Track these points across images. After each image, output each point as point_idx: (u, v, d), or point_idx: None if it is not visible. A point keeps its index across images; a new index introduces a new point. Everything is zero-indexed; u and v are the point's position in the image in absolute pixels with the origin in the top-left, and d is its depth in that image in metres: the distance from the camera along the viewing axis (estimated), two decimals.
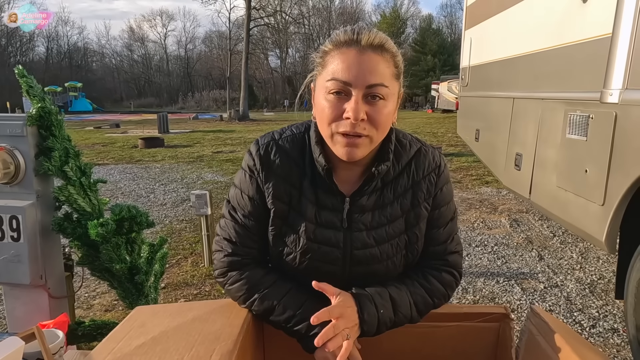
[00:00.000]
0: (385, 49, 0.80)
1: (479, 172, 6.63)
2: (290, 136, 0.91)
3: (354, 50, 0.78)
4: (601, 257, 3.23)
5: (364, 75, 0.77)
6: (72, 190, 1.59)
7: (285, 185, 0.88)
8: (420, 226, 0.90)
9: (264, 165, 0.88)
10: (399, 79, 0.84)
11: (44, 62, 51.91)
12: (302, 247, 0.87)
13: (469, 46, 4.38)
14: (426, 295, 0.88)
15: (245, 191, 0.91)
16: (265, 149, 0.89)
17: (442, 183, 0.93)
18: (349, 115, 0.77)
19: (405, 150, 0.91)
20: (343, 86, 0.78)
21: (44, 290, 1.58)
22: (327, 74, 0.80)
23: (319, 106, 0.82)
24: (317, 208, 0.87)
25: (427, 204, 0.90)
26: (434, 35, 46.79)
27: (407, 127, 15.81)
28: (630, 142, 1.75)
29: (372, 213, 0.88)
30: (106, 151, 10.03)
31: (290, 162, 0.88)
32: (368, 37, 0.78)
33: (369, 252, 0.87)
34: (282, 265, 0.90)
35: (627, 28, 1.77)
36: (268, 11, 31.66)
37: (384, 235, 0.88)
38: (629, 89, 1.77)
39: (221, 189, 5.85)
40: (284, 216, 0.88)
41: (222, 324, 0.81)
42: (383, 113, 0.79)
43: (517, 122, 3.04)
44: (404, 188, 0.89)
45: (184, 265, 3.21)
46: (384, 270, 0.89)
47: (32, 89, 1.56)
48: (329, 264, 0.87)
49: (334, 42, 0.81)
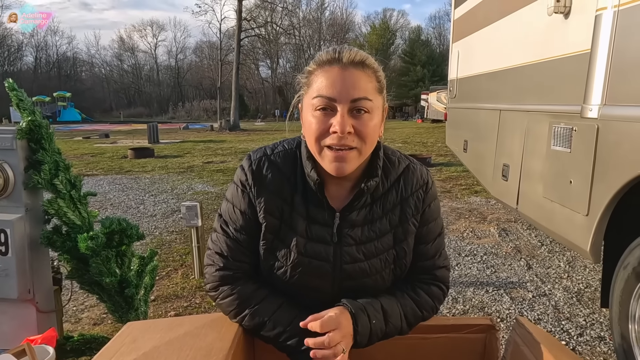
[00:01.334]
0: (367, 65, 0.83)
1: (468, 182, 6.71)
2: (283, 151, 0.93)
3: (336, 67, 0.82)
4: (588, 265, 3.28)
5: (347, 90, 0.80)
6: (61, 203, 1.59)
7: (277, 200, 0.89)
8: (408, 241, 0.92)
9: (256, 180, 0.90)
10: (382, 93, 0.86)
11: (33, 71, 51.44)
12: (293, 261, 0.88)
13: (457, 59, 4.47)
14: (415, 308, 0.90)
15: (237, 205, 0.92)
16: (257, 164, 0.91)
17: (429, 200, 0.95)
18: (336, 128, 0.79)
19: (394, 167, 0.93)
20: (328, 102, 0.81)
21: (31, 304, 1.57)
22: (313, 92, 0.83)
23: (307, 123, 0.85)
24: (308, 222, 0.89)
25: (415, 220, 0.93)
26: (423, 47, 47.46)
27: (398, 137, 15.95)
28: (612, 154, 1.80)
29: (362, 228, 0.90)
30: (95, 162, 9.94)
31: (282, 177, 0.90)
32: (349, 54, 0.82)
33: (359, 266, 0.89)
34: (273, 279, 0.91)
35: (604, 44, 1.84)
36: (259, 22, 31.84)
37: (373, 250, 0.90)
38: (607, 104, 1.83)
39: (212, 199, 5.83)
40: (275, 230, 0.90)
41: (214, 338, 0.82)
42: (369, 125, 0.82)
43: (504, 133, 3.10)
44: (392, 204, 0.91)
45: (174, 277, 3.19)
46: (373, 284, 0.90)
47: (22, 102, 1.56)
48: (319, 278, 0.89)
49: (317, 62, 0.85)
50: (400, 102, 45.84)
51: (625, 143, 1.73)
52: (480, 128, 3.68)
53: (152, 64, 59.61)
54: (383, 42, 49.96)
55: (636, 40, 1.71)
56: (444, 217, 4.79)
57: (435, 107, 25.13)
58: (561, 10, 2.15)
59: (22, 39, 50.25)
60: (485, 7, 3.56)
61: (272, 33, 38.20)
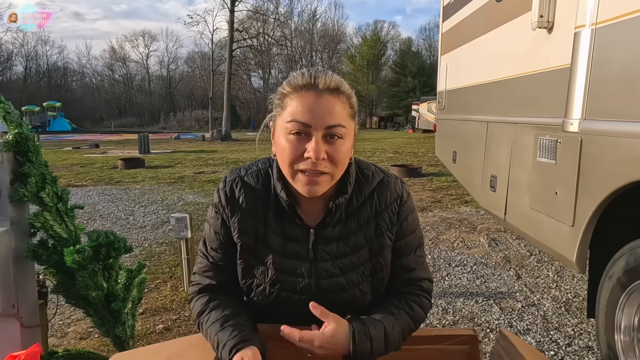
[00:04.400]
0: (341, 91, 0.84)
1: (459, 192, 6.76)
2: (256, 172, 0.95)
3: (312, 93, 0.82)
4: (576, 275, 3.32)
5: (323, 117, 0.81)
6: (48, 216, 1.57)
7: (251, 219, 0.92)
8: (384, 255, 0.93)
9: (228, 202, 0.92)
10: (354, 118, 0.88)
11: (22, 81, 51.11)
12: (271, 278, 0.90)
13: (445, 71, 4.54)
14: (411, 323, 0.91)
15: (212, 226, 0.96)
16: (230, 185, 0.94)
17: (406, 213, 0.96)
18: (310, 155, 0.80)
19: (368, 181, 0.94)
20: (303, 127, 0.81)
21: (16, 319, 1.54)
22: (287, 115, 0.83)
23: (280, 146, 0.85)
24: (284, 240, 0.91)
25: (391, 234, 0.94)
26: (413, 58, 48.09)
27: (389, 147, 16.05)
28: (595, 166, 1.84)
29: (337, 243, 0.91)
30: (85, 172, 9.85)
31: (255, 197, 0.92)
32: (324, 80, 0.83)
33: (335, 281, 0.90)
34: (254, 297, 0.93)
35: (583, 61, 1.89)
36: (251, 33, 32.01)
37: (349, 264, 0.91)
38: (587, 119, 1.87)
39: (202, 210, 5.80)
40: (250, 249, 0.92)
41: (198, 356, 0.82)
42: (341, 151, 0.84)
43: (492, 145, 3.14)
44: (367, 218, 0.93)
45: (163, 289, 3.16)
46: (351, 298, 0.91)
47: (9, 114, 1.55)
48: (297, 294, 0.90)
49: (292, 85, 0.85)
50: (392, 113, 46.27)
51: (607, 156, 1.76)
52: (469, 139, 3.73)
53: (143, 74, 59.63)
54: (374, 53, 50.49)
55: (613, 58, 1.76)
56: (435, 227, 4.82)
57: (426, 118, 25.37)
58: (544, 25, 2.21)
59: (12, 48, 50.05)
60: (472, 21, 3.63)
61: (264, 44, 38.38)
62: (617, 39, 1.73)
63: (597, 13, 1.81)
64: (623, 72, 1.71)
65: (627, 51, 1.68)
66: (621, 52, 1.71)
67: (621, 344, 1.76)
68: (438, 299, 2.96)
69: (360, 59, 50.94)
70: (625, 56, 1.69)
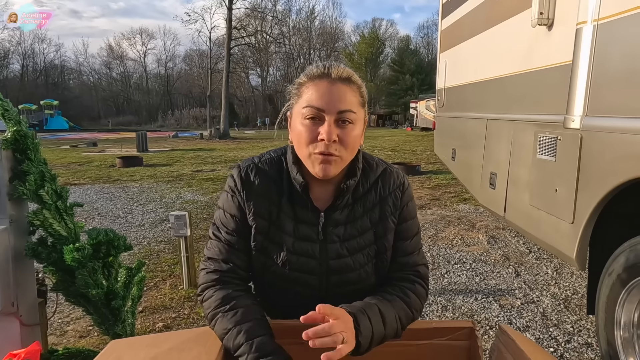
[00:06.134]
0: (352, 81, 0.92)
1: (457, 190, 6.76)
2: (269, 159, 1.01)
3: (325, 81, 0.90)
4: (575, 272, 3.32)
5: (334, 103, 0.88)
6: (47, 214, 1.56)
7: (265, 202, 0.96)
8: (388, 237, 0.99)
9: (244, 186, 0.97)
10: (364, 106, 0.95)
11: (19, 79, 50.89)
12: (283, 259, 0.95)
13: (444, 68, 4.53)
14: (407, 308, 0.93)
15: (227, 210, 0.98)
16: (245, 171, 0.99)
17: (407, 199, 1.03)
18: (323, 137, 0.87)
19: (372, 170, 1.02)
20: (317, 112, 0.88)
21: (15, 318, 1.53)
22: (303, 102, 0.91)
23: (296, 130, 0.92)
24: (295, 223, 0.96)
25: (394, 217, 1.00)
26: (411, 56, 48.03)
27: (387, 145, 16.05)
28: (595, 163, 1.84)
29: (345, 226, 0.97)
30: (83, 170, 9.82)
31: (269, 181, 0.97)
32: (337, 71, 0.91)
33: (343, 261, 0.96)
34: (264, 277, 0.97)
35: (585, 57, 1.88)
36: (249, 31, 31.94)
37: (356, 245, 0.97)
38: (589, 115, 1.87)
39: (201, 208, 5.80)
40: (264, 231, 0.96)
41: (199, 352, 0.81)
42: (352, 135, 0.90)
43: (491, 142, 3.14)
44: (372, 203, 0.99)
45: (162, 287, 3.15)
46: (357, 278, 0.97)
47: (7, 112, 1.54)
48: (307, 274, 0.95)
49: (307, 75, 0.93)
50: (390, 111, 46.23)
51: (607, 153, 1.77)
52: (468, 137, 3.73)
53: (141, 72, 59.40)
54: (372, 51, 50.39)
55: (615, 54, 1.76)
56: (434, 224, 4.82)
57: (424, 116, 25.40)
58: (544, 22, 2.20)
59: (9, 46, 49.79)
60: (471, 18, 3.63)
61: (262, 42, 38.35)
62: (619, 35, 1.72)
63: (599, 9, 1.80)
64: (625, 68, 1.70)
65: (630, 47, 1.68)
66: (624, 48, 1.71)
67: (621, 341, 1.76)
68: (437, 296, 2.97)
69: (359, 56, 50.81)
70: (627, 52, 1.69)
